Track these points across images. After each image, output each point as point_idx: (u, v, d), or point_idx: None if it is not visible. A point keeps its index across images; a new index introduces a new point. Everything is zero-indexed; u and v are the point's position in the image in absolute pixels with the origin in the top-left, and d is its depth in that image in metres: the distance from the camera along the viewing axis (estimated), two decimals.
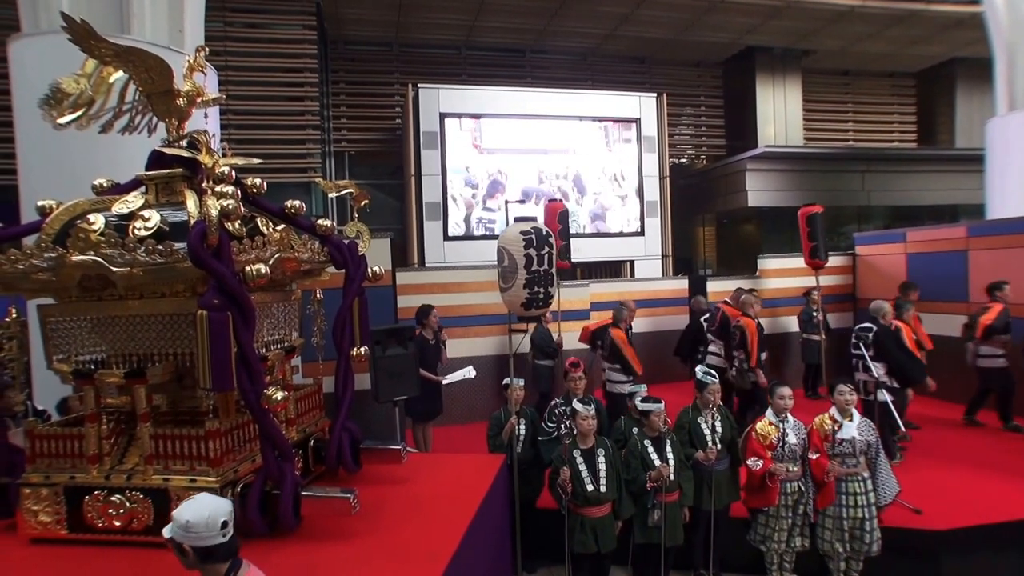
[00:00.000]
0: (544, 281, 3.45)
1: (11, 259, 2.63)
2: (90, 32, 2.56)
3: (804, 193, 12.06)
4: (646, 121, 11.35)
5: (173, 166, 2.99)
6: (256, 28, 10.32)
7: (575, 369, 4.22)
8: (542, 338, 6.47)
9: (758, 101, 13.49)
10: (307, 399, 3.49)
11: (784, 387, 3.96)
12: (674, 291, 8.79)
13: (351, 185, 3.56)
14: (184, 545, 1.95)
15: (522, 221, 3.51)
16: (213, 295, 2.39)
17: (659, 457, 3.73)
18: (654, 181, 11.42)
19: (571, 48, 13.08)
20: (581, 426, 3.62)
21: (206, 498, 2.05)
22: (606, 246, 10.92)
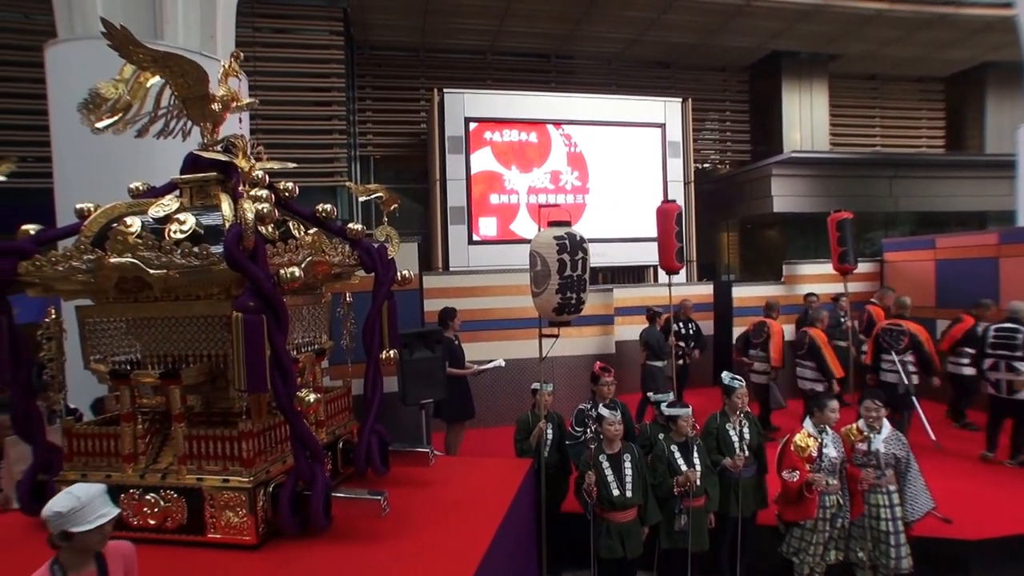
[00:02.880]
0: (577, 286, 3.39)
1: (51, 261, 2.66)
2: (129, 38, 2.58)
3: (830, 199, 11.80)
4: (671, 126, 11.22)
5: (207, 170, 3.01)
6: (284, 34, 10.47)
7: (605, 374, 4.14)
8: (655, 339, 6.46)
9: (784, 106, 13.24)
10: (336, 401, 3.48)
11: (834, 400, 3.86)
12: (699, 296, 8.62)
13: (381, 189, 3.54)
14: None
15: (556, 226, 3.45)
16: (248, 298, 2.38)
17: (686, 463, 3.65)
18: (678, 186, 11.27)
19: (596, 53, 13.00)
20: (607, 431, 3.56)
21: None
22: (629, 251, 10.80)
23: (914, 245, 8.42)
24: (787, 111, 13.26)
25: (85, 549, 1.95)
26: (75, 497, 1.91)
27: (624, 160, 11.08)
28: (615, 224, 10.85)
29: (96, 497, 1.95)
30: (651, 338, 6.56)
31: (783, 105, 13.24)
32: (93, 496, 1.95)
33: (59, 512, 1.87)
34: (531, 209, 10.60)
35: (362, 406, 3.40)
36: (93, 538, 1.94)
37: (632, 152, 11.13)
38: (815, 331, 6.15)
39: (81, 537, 1.90)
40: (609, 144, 11.02)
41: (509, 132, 10.62)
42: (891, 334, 6.04)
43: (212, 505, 2.71)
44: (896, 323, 6.09)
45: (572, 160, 10.93)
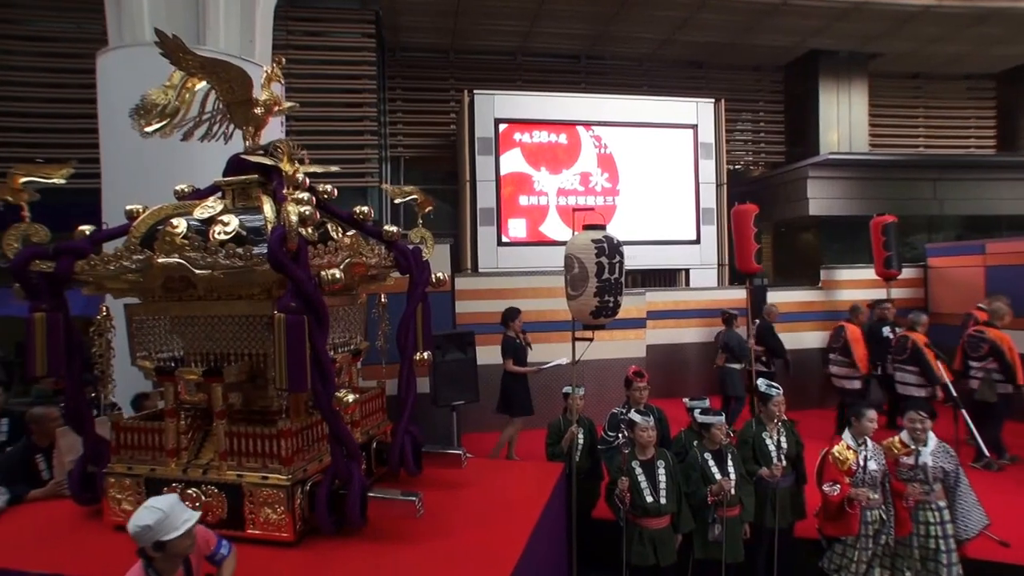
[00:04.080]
0: (614, 290, 3.38)
1: (104, 260, 2.78)
2: (180, 46, 2.68)
3: (869, 202, 11.45)
4: (703, 127, 11.07)
5: (249, 172, 3.10)
6: (317, 36, 10.67)
7: (638, 379, 4.11)
8: (736, 342, 6.42)
9: (821, 106, 12.88)
10: (370, 402, 3.53)
11: (871, 410, 3.73)
12: (732, 301, 8.46)
13: (416, 191, 3.59)
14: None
15: (592, 229, 3.45)
16: (290, 298, 2.44)
17: (720, 471, 3.60)
18: (710, 188, 11.11)
19: (627, 53, 12.91)
20: (641, 437, 3.54)
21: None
22: (660, 254, 10.69)
23: (962, 250, 8.12)
24: (824, 111, 12.92)
25: (178, 554, 2.08)
26: (158, 509, 2.04)
27: (655, 162, 10.97)
28: (646, 226, 10.76)
29: (175, 505, 2.09)
30: (732, 340, 6.47)
31: (820, 105, 12.89)
32: (172, 504, 2.09)
33: (148, 526, 1.99)
34: (561, 211, 10.58)
35: (395, 407, 3.46)
36: (184, 543, 2.07)
37: (663, 154, 11.02)
38: (917, 335, 5.93)
39: (173, 544, 2.03)
40: (640, 145, 10.93)
41: (539, 133, 10.63)
42: (972, 341, 5.84)
43: (252, 501, 2.78)
44: (979, 330, 5.86)
45: (602, 161, 10.88)
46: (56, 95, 9.84)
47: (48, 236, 2.78)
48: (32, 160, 9.51)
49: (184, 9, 4.91)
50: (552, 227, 10.60)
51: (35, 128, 9.89)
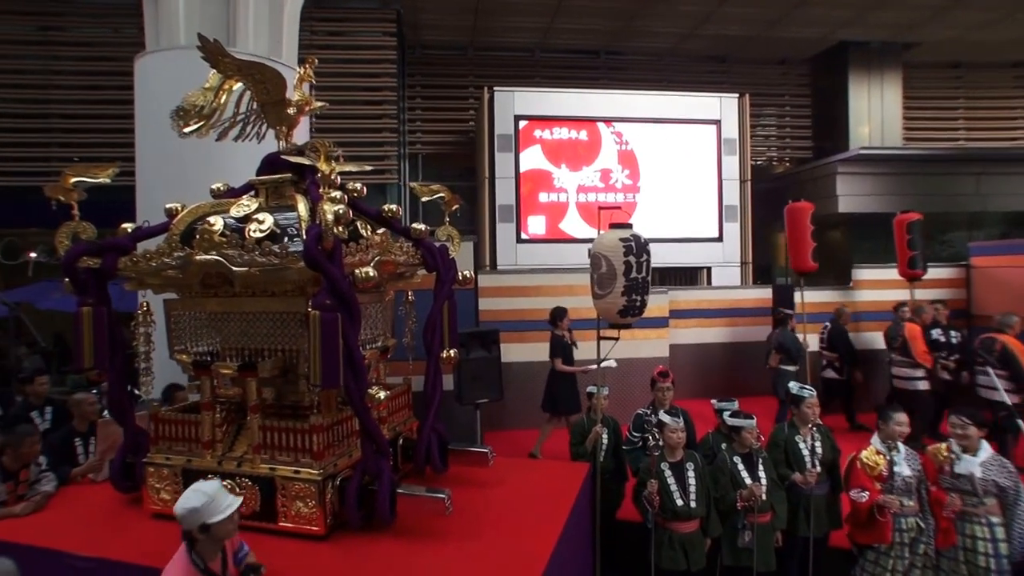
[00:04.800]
0: (642, 289, 3.41)
1: (146, 257, 2.89)
2: (220, 49, 2.78)
3: (903, 198, 11.11)
4: (726, 123, 10.95)
5: (283, 171, 3.20)
6: (339, 36, 10.83)
7: (663, 379, 4.12)
8: (790, 342, 6.38)
9: (851, 99, 12.63)
10: (397, 399, 3.61)
11: (900, 413, 3.62)
12: (756, 300, 8.40)
13: (443, 189, 3.66)
14: None
15: (619, 227, 3.49)
16: (325, 296, 2.52)
17: (750, 475, 3.56)
18: (734, 185, 10.99)
19: (648, 48, 12.84)
20: (670, 439, 3.53)
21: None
22: (682, 252, 10.63)
23: (1010, 249, 7.77)
24: (854, 105, 12.66)
25: (220, 538, 2.20)
26: (203, 493, 2.16)
27: (677, 158, 10.89)
28: (667, 224, 10.69)
29: (219, 490, 2.22)
30: (787, 341, 6.38)
31: (850, 98, 12.63)
32: (216, 489, 2.21)
33: (195, 508, 2.12)
34: (581, 208, 10.59)
35: (420, 404, 3.53)
36: (227, 527, 2.19)
37: (685, 150, 10.93)
38: (1007, 338, 5.71)
39: (217, 527, 2.15)
40: (661, 142, 10.87)
41: (559, 130, 10.64)
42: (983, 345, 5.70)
43: (284, 494, 2.88)
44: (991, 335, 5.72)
45: (623, 158, 10.85)
46: (93, 97, 10.30)
47: (95, 233, 2.91)
48: (70, 160, 9.99)
49: (216, 13, 5.07)
50: (572, 224, 10.61)
51: (74, 129, 10.34)
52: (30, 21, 10.41)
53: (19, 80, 10.29)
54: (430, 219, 3.60)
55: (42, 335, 9.52)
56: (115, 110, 9.85)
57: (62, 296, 9.30)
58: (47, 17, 10.40)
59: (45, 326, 9.67)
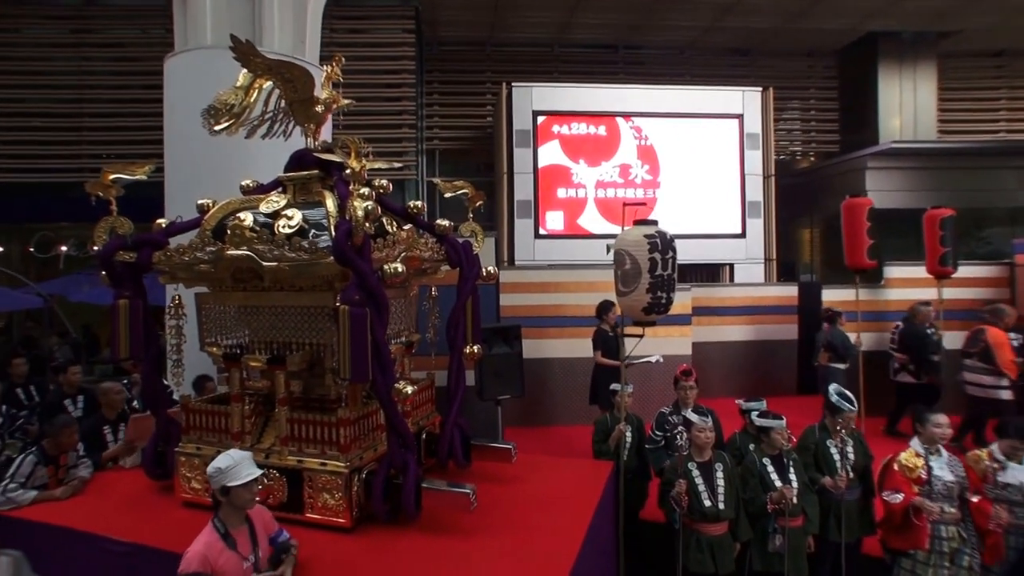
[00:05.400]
0: (667, 286, 3.41)
1: (179, 251, 2.98)
2: (252, 49, 2.85)
3: (938, 193, 10.65)
4: (749, 117, 10.80)
5: (310, 168, 3.26)
6: (359, 33, 10.95)
7: (686, 377, 4.10)
8: (840, 340, 6.30)
9: (880, 92, 12.35)
10: (420, 393, 3.65)
11: (940, 415, 3.51)
12: (781, 298, 8.31)
13: (467, 185, 3.70)
14: None
15: (643, 224, 3.49)
16: (353, 291, 2.57)
17: (780, 478, 3.50)
18: (757, 180, 10.85)
19: (667, 42, 12.73)
20: (697, 438, 3.50)
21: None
22: (703, 248, 10.54)
23: None
24: (884, 97, 12.37)
25: (239, 506, 2.36)
26: (230, 457, 2.35)
27: (698, 153, 10.78)
28: (688, 220, 10.59)
29: (245, 459, 2.38)
30: (836, 339, 6.32)
31: (879, 91, 12.35)
32: (243, 457, 2.39)
33: (220, 468, 2.30)
34: (600, 204, 10.57)
35: (442, 399, 3.58)
36: (244, 496, 2.34)
37: (707, 144, 10.82)
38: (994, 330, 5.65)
39: (236, 492, 2.31)
40: (682, 136, 10.77)
41: (577, 125, 10.62)
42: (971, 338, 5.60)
43: (311, 486, 2.95)
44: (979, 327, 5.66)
45: (642, 153, 10.78)
46: (123, 96, 10.65)
47: (132, 228, 3.00)
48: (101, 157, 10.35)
49: (243, 13, 5.18)
50: (590, 220, 10.58)
51: (104, 127, 10.71)
52: (63, 25, 10.81)
53: (53, 81, 10.67)
54: (447, 215, 3.63)
55: (72, 326, 9.84)
56: (143, 108, 10.16)
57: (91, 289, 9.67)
58: (79, 20, 10.79)
59: (75, 317, 10.03)
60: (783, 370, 8.27)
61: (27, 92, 10.65)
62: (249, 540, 2.40)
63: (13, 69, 10.63)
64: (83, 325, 10.54)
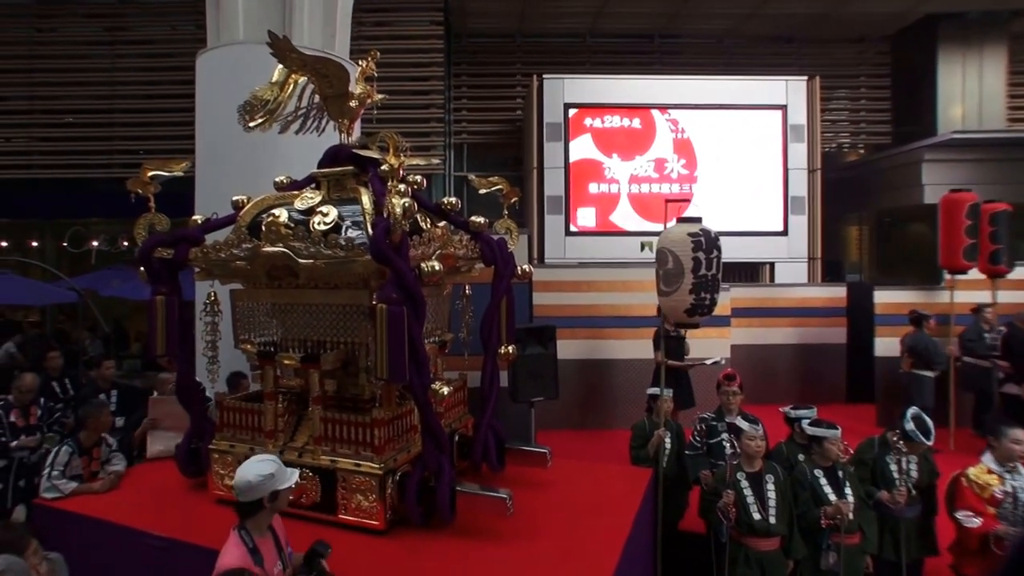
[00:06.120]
0: (711, 287, 3.36)
1: (215, 248, 3.06)
2: (288, 45, 2.91)
3: (1005, 187, 10.14)
4: (793, 107, 10.57)
5: (344, 164, 3.31)
6: (386, 26, 11.06)
7: (728, 382, 4.03)
8: (925, 346, 6.10)
9: (940, 78, 11.87)
10: (453, 394, 3.65)
11: (1018, 429, 3.34)
12: (827, 299, 8.12)
13: (501, 181, 3.70)
14: None
15: (687, 222, 3.44)
16: (391, 290, 2.60)
17: (834, 491, 3.39)
18: (801, 174, 10.62)
19: (706, 30, 12.51)
20: (747, 447, 3.39)
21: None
22: (743, 246, 10.32)
23: None
24: (944, 84, 11.88)
25: (278, 508, 2.37)
26: (272, 461, 2.34)
27: (738, 146, 10.61)
28: (727, 216, 10.40)
29: (279, 461, 2.38)
30: (919, 344, 6.12)
31: (939, 78, 11.86)
32: (278, 460, 2.39)
33: (271, 474, 2.29)
34: (633, 199, 10.48)
35: (475, 400, 3.59)
36: (285, 498, 2.37)
37: (747, 137, 10.63)
38: None
39: (282, 495, 2.33)
40: (721, 129, 10.60)
41: (611, 118, 10.54)
42: None
43: (344, 487, 2.99)
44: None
45: (678, 147, 10.65)
46: (154, 92, 11.06)
47: (169, 225, 3.09)
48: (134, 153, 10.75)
49: (274, 9, 5.30)
50: (623, 217, 10.50)
51: (136, 123, 11.12)
52: (98, 23, 11.28)
53: (86, 79, 11.12)
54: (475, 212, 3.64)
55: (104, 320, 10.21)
56: (174, 104, 10.52)
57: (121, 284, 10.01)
58: (113, 18, 11.24)
59: (105, 312, 10.40)
60: (830, 376, 8.10)
61: (62, 90, 11.10)
62: (275, 550, 2.39)
63: (50, 67, 11.10)
64: (113, 320, 10.95)
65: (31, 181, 11.25)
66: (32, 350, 8.21)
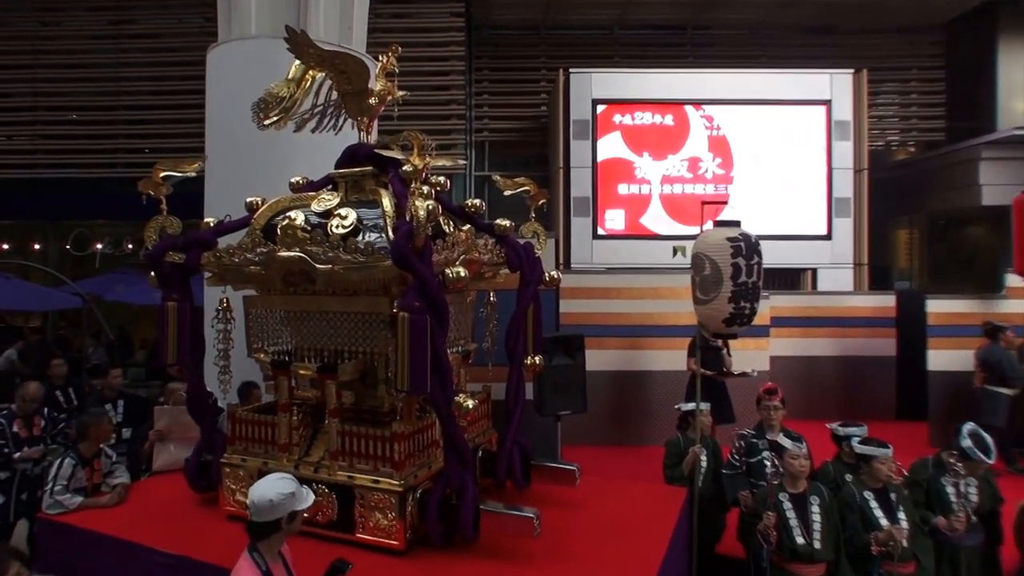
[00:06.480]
0: (751, 295, 3.33)
1: (228, 252, 3.10)
2: (306, 40, 2.96)
3: None
4: (838, 103, 10.45)
5: (363, 164, 3.34)
6: (404, 18, 11.19)
7: (771, 397, 3.97)
8: (1000, 360, 5.99)
9: (999, 70, 11.61)
10: (476, 407, 3.67)
11: None
12: (875, 309, 7.96)
13: (528, 182, 3.71)
14: None
15: (725, 225, 3.42)
16: (414, 297, 2.61)
17: (886, 515, 3.31)
18: (846, 174, 10.47)
19: (741, 21, 12.40)
20: (791, 466, 3.37)
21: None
22: (783, 250, 10.18)
23: None
24: (1005, 77, 11.61)
25: (294, 530, 2.36)
26: (290, 480, 2.34)
27: (778, 144, 10.52)
28: (765, 219, 10.26)
29: (295, 480, 2.37)
30: (993, 357, 6.01)
31: (998, 69, 11.61)
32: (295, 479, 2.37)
33: (291, 493, 2.29)
34: (665, 201, 10.43)
35: (500, 413, 3.59)
36: (300, 520, 2.36)
37: (788, 135, 10.53)
38: None
39: (300, 516, 2.33)
40: (759, 126, 10.53)
41: (641, 114, 10.52)
42: None
43: (362, 504, 3.01)
44: None
45: (714, 145, 10.59)
46: (160, 88, 11.25)
47: (181, 227, 3.15)
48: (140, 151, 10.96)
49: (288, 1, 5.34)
50: (654, 219, 10.45)
51: (141, 120, 11.33)
52: (103, 16, 11.50)
53: (90, 74, 11.36)
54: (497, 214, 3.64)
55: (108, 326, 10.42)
56: (180, 100, 10.72)
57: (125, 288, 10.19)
58: (117, 11, 11.45)
59: (110, 318, 10.60)
60: (878, 391, 7.94)
61: (65, 85, 11.33)
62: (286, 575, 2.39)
63: (53, 63, 11.34)
64: (118, 326, 11.14)
65: (33, 181, 11.48)
66: (34, 357, 8.40)
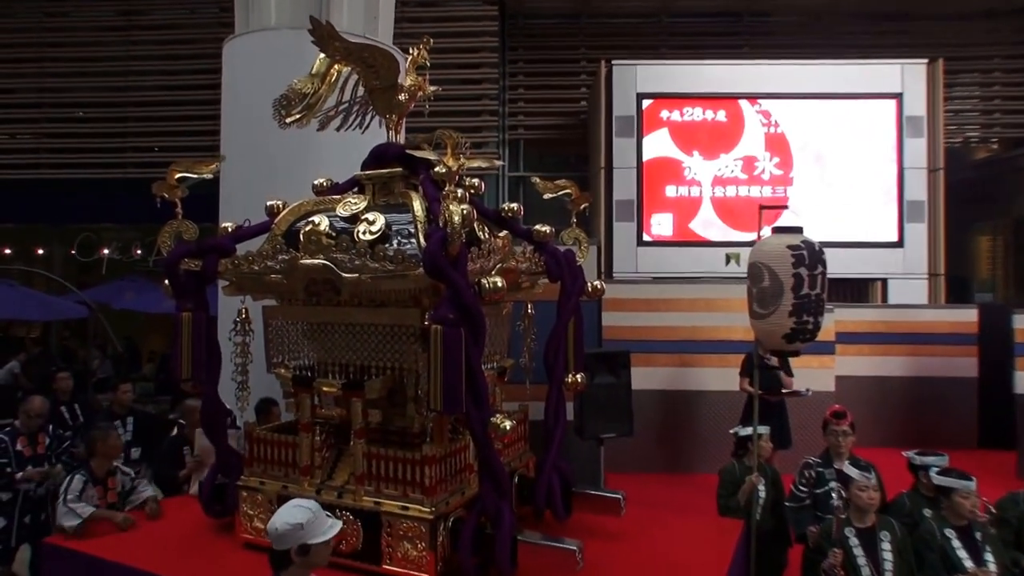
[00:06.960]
0: (815, 309, 3.27)
1: (248, 260, 3.15)
2: (332, 32, 3.00)
3: None
4: (910, 96, 10.29)
5: (391, 165, 3.37)
6: (432, 7, 11.37)
7: (839, 421, 3.90)
8: None
9: None
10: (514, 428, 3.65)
11: None
12: (953, 324, 7.76)
13: (570, 185, 3.70)
14: None
15: (785, 232, 3.36)
16: (448, 308, 2.61)
17: (970, 556, 3.23)
18: (920, 175, 10.27)
19: (802, 7, 12.29)
20: (858, 498, 3.32)
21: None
22: (849, 259, 9.98)
23: None
24: None
25: (315, 564, 2.29)
26: (307, 509, 2.28)
27: (842, 142, 10.41)
28: (828, 225, 10.10)
29: (320, 509, 2.32)
30: None
31: None
32: (319, 508, 2.32)
33: (300, 523, 2.21)
34: (717, 204, 10.35)
35: (539, 436, 3.56)
36: (323, 553, 2.29)
37: (853, 131, 10.41)
38: None
39: (316, 550, 2.24)
40: (821, 122, 10.43)
41: (692, 110, 10.48)
42: None
43: (390, 533, 3.00)
44: None
45: (771, 143, 10.50)
46: (170, 83, 11.59)
47: (197, 232, 3.21)
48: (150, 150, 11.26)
49: None
50: (705, 224, 10.40)
51: (150, 117, 11.63)
52: (112, 7, 11.85)
53: (99, 68, 11.71)
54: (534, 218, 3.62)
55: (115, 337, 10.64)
56: (195, 96, 10.97)
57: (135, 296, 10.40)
58: (127, 2, 11.80)
59: (118, 328, 10.79)
60: (958, 416, 7.74)
61: (71, 81, 11.68)
62: None
63: (59, 56, 11.70)
64: (125, 337, 11.31)
65: (37, 182, 11.75)
66: (36, 370, 8.53)
